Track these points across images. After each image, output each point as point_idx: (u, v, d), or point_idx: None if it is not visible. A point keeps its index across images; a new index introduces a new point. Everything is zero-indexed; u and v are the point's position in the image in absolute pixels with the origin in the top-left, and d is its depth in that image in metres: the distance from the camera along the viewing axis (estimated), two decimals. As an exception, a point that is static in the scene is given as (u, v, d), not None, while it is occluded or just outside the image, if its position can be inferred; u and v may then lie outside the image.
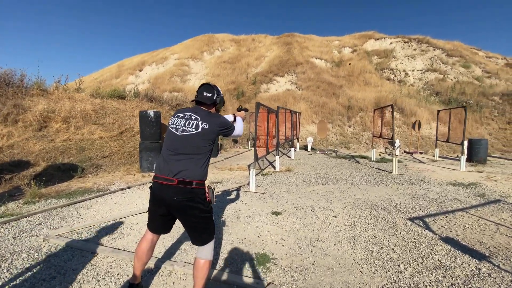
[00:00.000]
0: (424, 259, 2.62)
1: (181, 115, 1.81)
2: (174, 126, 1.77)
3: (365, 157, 9.82)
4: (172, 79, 22.54)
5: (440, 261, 2.60)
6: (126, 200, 4.48)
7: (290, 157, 9.59)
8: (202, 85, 1.93)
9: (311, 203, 4.29)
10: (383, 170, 7.39)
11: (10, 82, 7.27)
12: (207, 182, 1.87)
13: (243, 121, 2.15)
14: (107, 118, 8.59)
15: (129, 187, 5.28)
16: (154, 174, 1.76)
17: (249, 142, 12.57)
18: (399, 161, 9.11)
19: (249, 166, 8.00)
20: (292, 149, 9.64)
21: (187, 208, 1.64)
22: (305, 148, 12.34)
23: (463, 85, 18.43)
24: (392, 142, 12.42)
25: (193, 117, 1.75)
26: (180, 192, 1.62)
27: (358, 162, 8.87)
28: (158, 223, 1.81)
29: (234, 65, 23.60)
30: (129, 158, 7.61)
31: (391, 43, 26.78)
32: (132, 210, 3.94)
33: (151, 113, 6.82)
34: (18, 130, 6.43)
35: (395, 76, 21.33)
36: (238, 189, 5.19)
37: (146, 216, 3.70)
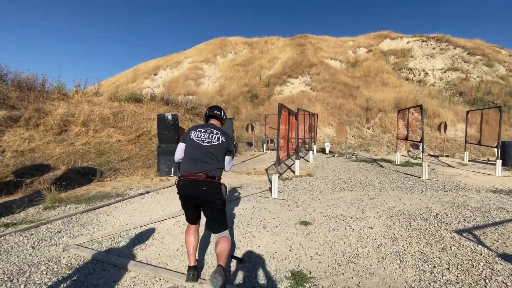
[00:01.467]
0: (487, 281, 2.26)
1: (203, 129, 2.24)
2: (200, 138, 2.18)
3: (388, 161, 9.32)
4: (186, 82, 22.69)
5: (506, 284, 2.23)
6: (146, 206, 4.31)
7: (308, 161, 9.23)
8: (213, 106, 2.48)
9: (341, 212, 3.96)
10: (411, 175, 6.91)
11: (32, 87, 7.37)
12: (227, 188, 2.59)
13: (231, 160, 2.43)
14: (124, 122, 8.57)
15: (148, 192, 5.13)
16: (181, 174, 2.12)
17: (264, 145, 12.30)
18: (425, 165, 8.58)
19: (267, 170, 7.75)
20: (310, 152, 9.29)
21: (211, 197, 2.05)
22: (322, 151, 11.94)
23: (488, 84, 17.44)
24: (416, 145, 11.82)
25: (214, 132, 2.23)
26: (207, 185, 2.04)
27: (381, 166, 8.41)
28: (193, 215, 2.20)
29: (247, 67, 23.49)
30: (146, 162, 7.52)
31: (408, 42, 25.91)
32: (153, 217, 3.75)
33: (169, 116, 6.69)
34: (39, 134, 6.46)
35: (414, 76, 20.52)
36: (260, 195, 4.92)
37: (166, 224, 3.50)
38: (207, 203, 2.06)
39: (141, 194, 4.98)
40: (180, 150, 2.22)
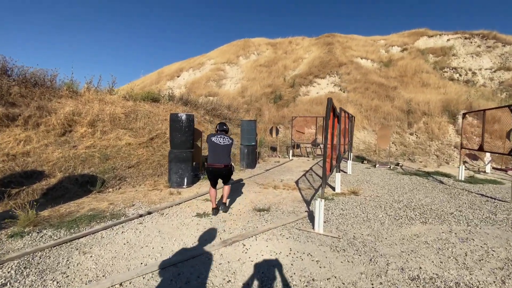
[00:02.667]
0: None
1: (219, 136, 3.98)
2: (217, 140, 3.91)
3: (446, 175, 7.49)
4: (208, 83, 21.89)
5: None
6: (141, 237, 3.10)
7: (345, 172, 7.67)
8: (221, 122, 4.23)
9: (433, 269, 2.46)
10: (492, 198, 5.14)
11: (38, 83, 6.60)
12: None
13: None
14: (137, 122, 7.61)
15: (149, 213, 3.95)
16: (208, 163, 3.89)
17: (290, 151, 10.87)
18: (497, 183, 6.67)
19: (297, 182, 6.36)
20: (349, 161, 7.72)
21: (228, 173, 4.01)
22: (357, 159, 10.26)
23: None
24: (474, 156, 9.62)
25: (225, 137, 4.00)
26: (226, 169, 3.91)
27: (441, 182, 6.64)
28: (215, 182, 3.99)
29: (270, 68, 22.21)
30: (158, 169, 6.45)
31: (448, 39, 23.19)
32: (145, 262, 2.52)
33: (183, 116, 5.54)
34: (38, 135, 5.59)
35: (460, 75, 18.00)
36: (296, 226, 3.53)
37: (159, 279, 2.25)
38: (224, 176, 4.00)
39: (141, 215, 3.81)
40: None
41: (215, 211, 3.90)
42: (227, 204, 4.10)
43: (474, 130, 10.83)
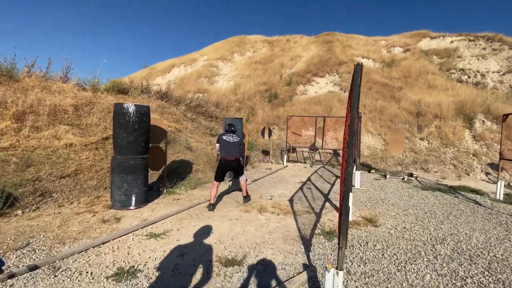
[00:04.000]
0: None
1: (228, 135, 4.35)
2: (228, 138, 4.29)
3: (476, 191, 5.90)
4: (199, 80, 20.19)
5: None
6: None
7: (353, 185, 6.05)
8: (229, 123, 4.54)
9: None
10: None
11: None
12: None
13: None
14: (90, 118, 5.89)
15: (33, 268, 2.24)
16: (221, 157, 4.24)
17: (285, 156, 9.23)
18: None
19: (291, 201, 4.69)
20: (357, 172, 6.09)
21: (239, 167, 4.36)
22: (363, 167, 8.67)
23: None
24: (496, 165, 8.04)
25: (234, 136, 4.39)
26: (236, 162, 4.26)
27: (477, 202, 5.05)
28: (220, 177, 4.21)
29: (266, 65, 20.60)
30: (105, 180, 4.75)
31: (452, 41, 21.90)
32: None
33: (131, 107, 3.84)
34: None
35: (469, 77, 16.62)
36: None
37: None
38: (236, 169, 4.36)
39: (12, 276, 2.10)
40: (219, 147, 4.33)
41: (212, 206, 4.01)
42: (246, 196, 4.52)
43: (494, 136, 9.34)
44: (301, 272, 2.31)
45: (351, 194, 3.91)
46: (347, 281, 2.22)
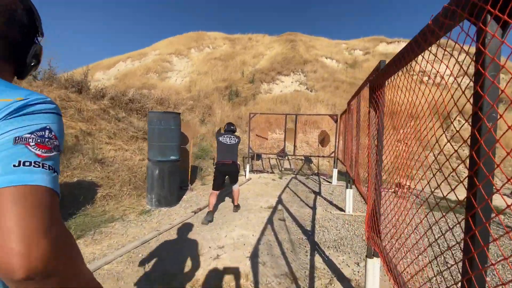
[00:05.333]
0: None
1: (226, 136, 3.94)
2: (224, 140, 3.90)
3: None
4: (147, 75, 17.06)
5: None
6: None
7: (343, 210, 4.14)
8: (228, 123, 4.22)
9: None
10: None
11: None
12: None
13: None
14: None
15: None
16: (217, 161, 3.82)
17: (247, 166, 7.08)
18: None
19: (253, 259, 2.45)
20: (349, 192, 4.16)
21: (236, 172, 3.91)
22: (342, 177, 6.95)
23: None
24: None
25: (232, 136, 3.96)
26: (234, 166, 3.86)
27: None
28: (219, 185, 3.77)
29: (227, 62, 18.40)
30: None
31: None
32: None
33: None
34: None
35: (429, 79, 16.56)
36: None
37: None
38: (232, 174, 3.89)
39: None
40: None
41: (210, 215, 3.55)
42: (238, 205, 4.09)
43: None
44: None
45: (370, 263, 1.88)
46: None
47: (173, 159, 4.08)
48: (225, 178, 3.86)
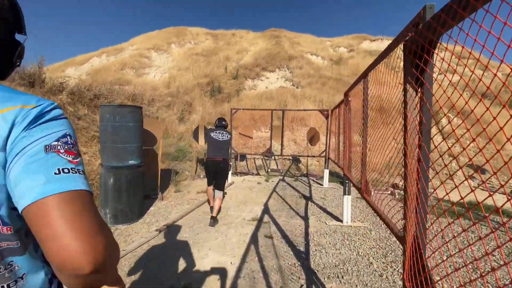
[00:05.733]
0: None
1: (217, 132, 3.62)
2: (216, 136, 3.58)
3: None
4: (123, 71, 15.79)
5: None
6: None
7: (340, 221, 3.51)
8: (220, 118, 3.84)
9: None
10: None
11: None
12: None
13: None
14: None
15: None
16: (208, 157, 3.52)
17: (230, 166, 6.33)
18: None
19: None
20: (347, 198, 3.52)
21: (225, 169, 3.50)
22: (334, 178, 6.38)
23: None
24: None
25: (224, 132, 3.64)
26: (224, 163, 3.47)
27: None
28: (212, 180, 3.54)
29: (209, 58, 17.46)
30: None
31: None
32: None
33: None
34: None
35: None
36: None
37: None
38: (221, 172, 3.48)
39: None
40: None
41: (213, 221, 3.31)
42: (215, 215, 3.38)
43: (461, 133, 8.28)
44: None
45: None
46: None
47: (133, 164, 3.26)
48: (214, 175, 3.54)
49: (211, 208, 3.52)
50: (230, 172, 6.29)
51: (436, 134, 0.95)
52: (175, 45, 20.38)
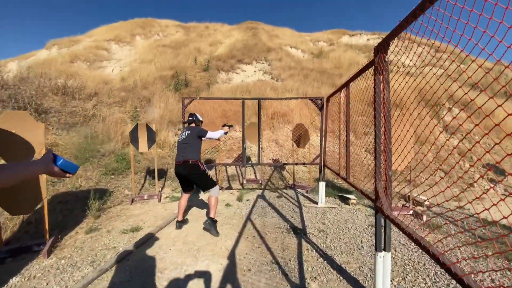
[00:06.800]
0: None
1: (182, 133, 3.17)
2: (179, 137, 3.16)
3: None
4: (74, 64, 13.18)
5: None
6: None
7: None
8: (190, 114, 3.25)
9: None
10: None
11: None
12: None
13: (224, 133, 3.39)
14: None
15: None
16: (175, 161, 3.04)
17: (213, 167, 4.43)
18: None
19: None
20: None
21: (192, 174, 2.95)
22: (331, 191, 4.71)
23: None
24: None
25: (185, 130, 3.14)
26: (187, 167, 2.93)
27: None
28: (185, 188, 3.12)
29: (178, 50, 15.28)
30: None
31: (368, 39, 21.81)
32: None
33: None
34: None
35: (398, 68, 15.57)
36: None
37: None
38: (190, 176, 2.95)
39: None
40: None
41: (179, 224, 3.11)
42: (212, 216, 2.97)
43: (468, 128, 7.06)
44: None
45: None
46: None
47: None
48: (185, 180, 3.07)
49: (178, 222, 3.13)
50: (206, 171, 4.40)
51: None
52: (140, 37, 17.91)
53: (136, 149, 4.13)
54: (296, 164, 4.19)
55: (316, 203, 4.00)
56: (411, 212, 3.60)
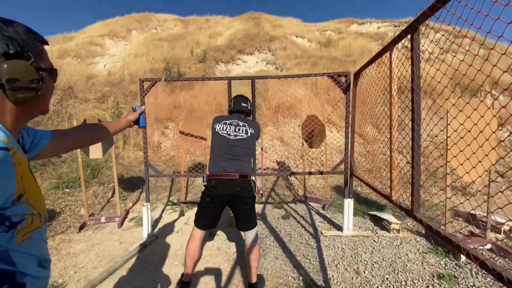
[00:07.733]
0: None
1: (228, 122, 1.83)
2: (225, 130, 1.80)
3: None
4: (63, 60, 12.20)
5: None
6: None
7: None
8: (237, 96, 1.94)
9: None
10: None
11: None
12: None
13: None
14: None
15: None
16: (210, 174, 1.75)
17: (169, 198, 3.27)
18: None
19: None
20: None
21: (246, 197, 1.71)
22: (358, 209, 3.43)
23: None
24: None
25: (241, 123, 1.82)
26: (241, 184, 1.71)
27: None
28: (210, 219, 1.75)
29: (175, 43, 14.10)
30: None
31: (379, 27, 20.15)
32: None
33: None
34: None
35: (423, 54, 14.02)
36: None
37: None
38: (240, 202, 1.71)
39: None
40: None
41: (183, 285, 1.72)
42: (254, 281, 1.69)
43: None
44: None
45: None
46: None
47: None
48: (223, 208, 1.76)
49: (180, 282, 1.74)
50: (160, 209, 3.22)
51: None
52: (136, 32, 16.83)
53: (86, 155, 2.96)
54: (311, 173, 2.93)
55: (340, 229, 2.73)
56: (488, 245, 2.31)
